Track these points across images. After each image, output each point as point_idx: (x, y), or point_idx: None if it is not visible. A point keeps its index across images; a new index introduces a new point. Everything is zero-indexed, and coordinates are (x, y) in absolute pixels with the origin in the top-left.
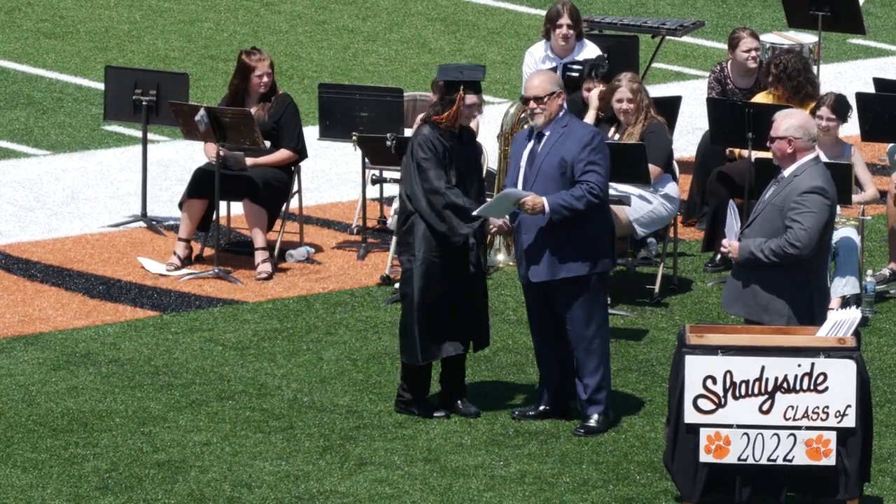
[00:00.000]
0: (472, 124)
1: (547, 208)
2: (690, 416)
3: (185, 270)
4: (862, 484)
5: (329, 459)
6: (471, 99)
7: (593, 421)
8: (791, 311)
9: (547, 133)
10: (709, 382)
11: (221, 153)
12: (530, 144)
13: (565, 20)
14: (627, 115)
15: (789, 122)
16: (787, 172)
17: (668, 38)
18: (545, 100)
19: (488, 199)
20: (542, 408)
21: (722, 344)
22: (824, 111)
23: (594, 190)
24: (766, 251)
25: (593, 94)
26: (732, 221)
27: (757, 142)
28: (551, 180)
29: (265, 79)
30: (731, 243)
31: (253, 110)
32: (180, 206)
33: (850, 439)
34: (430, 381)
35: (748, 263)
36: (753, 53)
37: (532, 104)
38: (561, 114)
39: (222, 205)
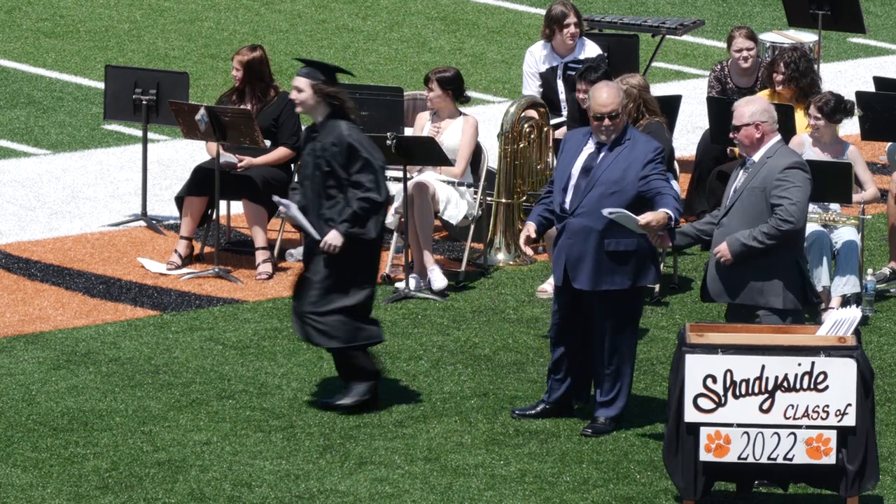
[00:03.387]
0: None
1: (673, 216)
2: (691, 415)
3: (185, 269)
4: (864, 482)
5: (329, 458)
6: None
7: (601, 422)
8: (785, 289)
9: (609, 144)
10: (709, 381)
11: (221, 160)
12: (587, 152)
13: (572, 19)
14: None
15: (753, 107)
16: (756, 157)
17: (668, 36)
18: (618, 118)
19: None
20: (542, 407)
21: (722, 343)
22: (812, 110)
23: (678, 201)
24: (759, 237)
25: None
26: (629, 218)
27: None
28: (609, 193)
29: (233, 72)
30: (719, 247)
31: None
32: (177, 199)
33: (850, 438)
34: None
35: (741, 256)
36: (745, 53)
37: (606, 122)
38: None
39: (222, 203)
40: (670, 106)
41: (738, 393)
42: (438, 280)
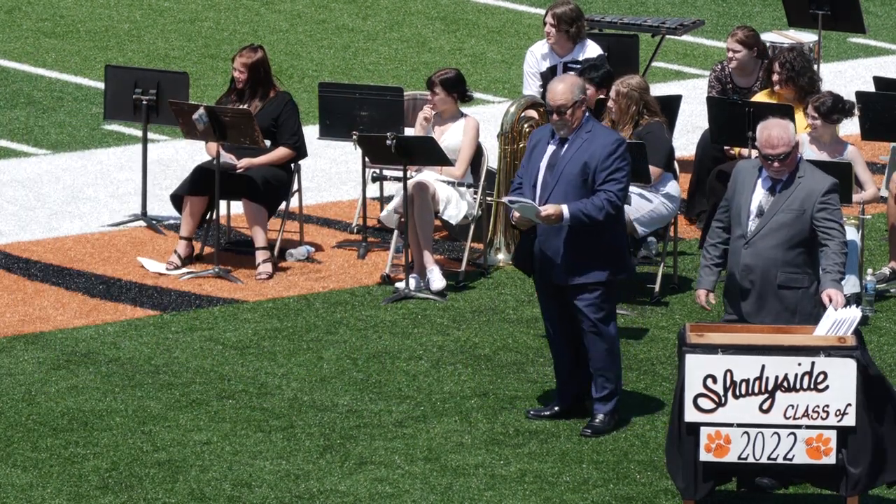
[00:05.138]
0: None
1: (566, 215)
2: (691, 414)
3: (184, 269)
4: (864, 481)
5: (329, 459)
6: None
7: (599, 420)
8: (812, 305)
9: (570, 138)
10: (709, 381)
11: (220, 159)
12: (551, 148)
13: (548, 18)
14: (613, 116)
15: (789, 131)
16: (785, 176)
17: (667, 36)
18: (567, 113)
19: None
20: (557, 408)
21: (722, 343)
22: (810, 110)
23: (612, 199)
24: (840, 268)
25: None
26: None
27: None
28: (572, 187)
29: (235, 73)
30: (836, 300)
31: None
32: (173, 198)
33: (850, 438)
34: None
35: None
36: (729, 54)
37: (555, 116)
38: (584, 119)
39: (222, 203)
40: (670, 106)
41: (738, 393)
42: (437, 281)
